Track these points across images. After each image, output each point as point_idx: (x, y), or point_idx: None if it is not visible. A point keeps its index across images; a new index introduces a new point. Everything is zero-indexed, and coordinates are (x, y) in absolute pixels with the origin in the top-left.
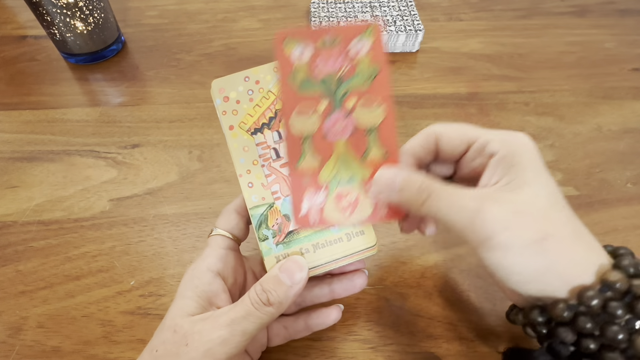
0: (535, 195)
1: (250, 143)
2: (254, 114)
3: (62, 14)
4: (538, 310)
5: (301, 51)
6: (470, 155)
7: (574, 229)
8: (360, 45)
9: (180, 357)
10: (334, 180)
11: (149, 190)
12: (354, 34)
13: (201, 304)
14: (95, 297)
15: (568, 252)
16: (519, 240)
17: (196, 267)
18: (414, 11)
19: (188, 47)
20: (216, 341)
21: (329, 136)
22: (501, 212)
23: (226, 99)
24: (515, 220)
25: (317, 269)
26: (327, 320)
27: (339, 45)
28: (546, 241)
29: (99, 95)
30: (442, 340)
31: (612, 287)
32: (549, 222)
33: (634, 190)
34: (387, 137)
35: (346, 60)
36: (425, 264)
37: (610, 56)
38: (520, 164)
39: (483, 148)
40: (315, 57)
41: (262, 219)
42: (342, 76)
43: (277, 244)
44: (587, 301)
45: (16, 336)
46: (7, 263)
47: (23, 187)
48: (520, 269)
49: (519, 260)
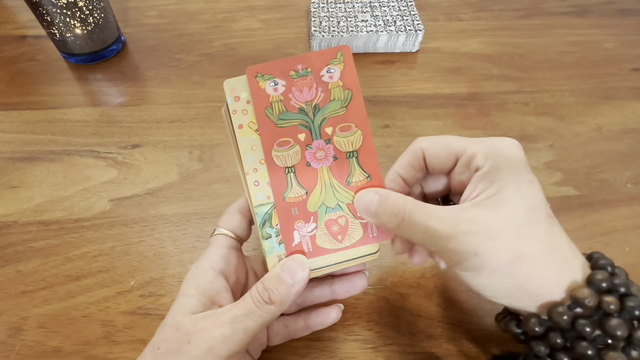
0: (513, 212)
1: (258, 142)
2: None
3: (62, 14)
4: (515, 322)
5: (275, 84)
6: (457, 170)
7: (550, 244)
8: (332, 71)
9: (182, 354)
10: (322, 207)
11: (149, 190)
12: (325, 61)
13: (203, 302)
14: (95, 298)
15: (539, 271)
16: (489, 263)
17: (199, 265)
18: (414, 11)
19: (188, 47)
20: (218, 339)
21: (312, 164)
22: (472, 238)
23: (237, 99)
24: (486, 245)
25: (319, 271)
26: (327, 320)
27: (312, 74)
28: (516, 263)
29: (99, 95)
30: (442, 340)
31: (581, 303)
32: (523, 241)
33: (634, 191)
34: (368, 159)
35: (320, 87)
36: (425, 264)
37: (610, 56)
38: (503, 180)
39: (469, 162)
40: (289, 88)
41: (266, 217)
42: (318, 104)
43: (280, 243)
44: (556, 317)
45: (16, 336)
46: (8, 263)
47: (23, 187)
48: (492, 288)
49: (488, 281)
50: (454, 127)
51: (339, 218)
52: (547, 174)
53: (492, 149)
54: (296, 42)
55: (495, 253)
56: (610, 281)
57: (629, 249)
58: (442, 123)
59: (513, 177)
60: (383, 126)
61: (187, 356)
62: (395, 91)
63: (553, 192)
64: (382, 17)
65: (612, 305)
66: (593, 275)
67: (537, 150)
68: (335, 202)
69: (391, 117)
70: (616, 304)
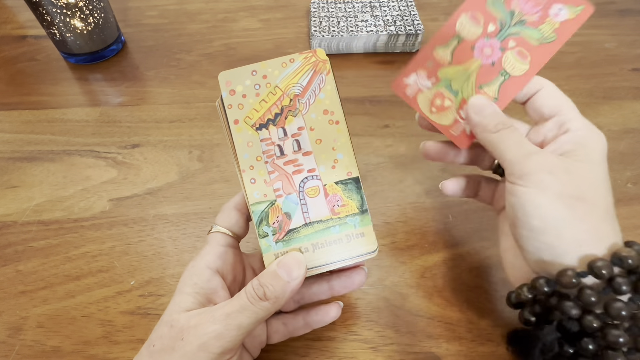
0: (589, 170)
1: (255, 138)
2: (259, 109)
3: (62, 14)
4: (544, 280)
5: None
6: (548, 125)
7: (608, 208)
8: (562, 12)
9: (175, 351)
10: (446, 80)
11: (149, 190)
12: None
13: (199, 300)
14: (95, 297)
15: (594, 220)
16: (557, 187)
17: (195, 264)
18: (414, 11)
19: (188, 47)
20: (211, 335)
21: (475, 50)
22: (554, 162)
23: (232, 93)
24: (562, 172)
25: (315, 269)
26: (326, 318)
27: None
28: (579, 201)
29: (99, 95)
30: (442, 340)
31: (622, 261)
32: (591, 190)
33: (634, 191)
34: (508, 90)
35: (541, 12)
36: (425, 264)
37: (610, 56)
38: (589, 147)
39: (564, 123)
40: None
41: (263, 215)
42: (527, 20)
43: (277, 242)
44: (596, 270)
45: (16, 336)
46: (7, 263)
47: (23, 187)
48: (544, 213)
49: (547, 204)
50: None
51: (447, 99)
52: None
53: (590, 126)
54: (296, 42)
55: (568, 183)
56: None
57: None
58: None
59: (597, 152)
60: (383, 126)
61: (180, 352)
62: None
63: None
64: (382, 17)
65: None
66: (634, 243)
67: None
68: (459, 87)
69: (391, 117)
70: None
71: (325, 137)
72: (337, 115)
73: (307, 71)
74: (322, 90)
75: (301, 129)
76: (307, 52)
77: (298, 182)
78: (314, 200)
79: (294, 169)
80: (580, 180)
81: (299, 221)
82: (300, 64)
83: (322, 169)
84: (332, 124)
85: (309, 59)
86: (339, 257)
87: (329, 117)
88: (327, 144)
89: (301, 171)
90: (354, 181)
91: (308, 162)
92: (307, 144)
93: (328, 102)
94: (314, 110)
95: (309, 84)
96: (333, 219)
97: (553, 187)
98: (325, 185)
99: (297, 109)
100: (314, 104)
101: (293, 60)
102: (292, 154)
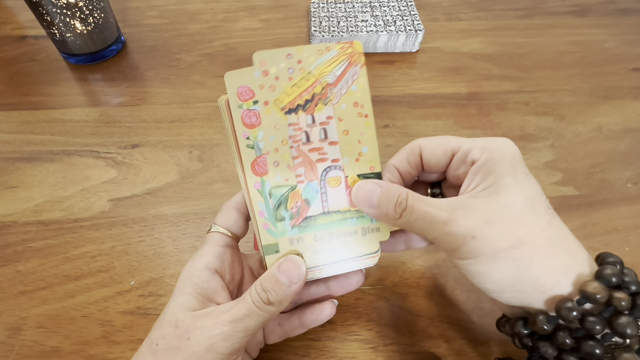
0: (510, 201)
1: (283, 122)
2: (291, 93)
3: (62, 14)
4: (522, 322)
5: None
6: (454, 165)
7: (552, 234)
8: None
9: (182, 351)
10: None
11: (149, 190)
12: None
13: (201, 301)
14: (94, 297)
15: (543, 258)
16: (488, 248)
17: (194, 264)
18: (414, 11)
19: (188, 47)
20: (219, 337)
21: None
22: (470, 222)
23: (265, 73)
24: (483, 229)
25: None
26: (321, 317)
27: None
28: (516, 249)
29: (99, 95)
30: (442, 340)
31: (591, 298)
32: (522, 228)
33: (634, 190)
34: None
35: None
36: (425, 264)
37: (610, 56)
38: (499, 171)
39: (465, 156)
40: None
41: (282, 199)
42: None
43: (293, 227)
44: (564, 313)
45: (16, 336)
46: (7, 263)
47: (23, 187)
48: (492, 277)
49: (489, 270)
50: (454, 127)
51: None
52: (547, 174)
53: (488, 144)
54: (296, 42)
55: (494, 237)
56: (620, 277)
57: (629, 248)
58: (442, 123)
59: (510, 169)
60: (383, 126)
61: (188, 352)
62: (395, 91)
63: (553, 192)
64: (382, 17)
65: (624, 302)
66: (602, 270)
67: (537, 150)
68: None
69: (391, 117)
70: (628, 301)
71: (353, 129)
72: (367, 109)
73: (342, 61)
74: (354, 82)
75: (330, 118)
76: (344, 43)
77: (320, 171)
78: (335, 190)
79: (318, 157)
80: (504, 224)
81: (317, 209)
82: (336, 53)
83: (346, 160)
84: (361, 117)
85: (345, 50)
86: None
87: (358, 110)
88: (354, 136)
89: (325, 160)
90: (376, 176)
91: (333, 152)
92: (334, 133)
93: (360, 94)
94: (344, 101)
95: (343, 74)
96: (351, 211)
97: (486, 251)
98: (347, 177)
99: (328, 97)
100: (346, 94)
101: (329, 49)
102: (318, 142)
